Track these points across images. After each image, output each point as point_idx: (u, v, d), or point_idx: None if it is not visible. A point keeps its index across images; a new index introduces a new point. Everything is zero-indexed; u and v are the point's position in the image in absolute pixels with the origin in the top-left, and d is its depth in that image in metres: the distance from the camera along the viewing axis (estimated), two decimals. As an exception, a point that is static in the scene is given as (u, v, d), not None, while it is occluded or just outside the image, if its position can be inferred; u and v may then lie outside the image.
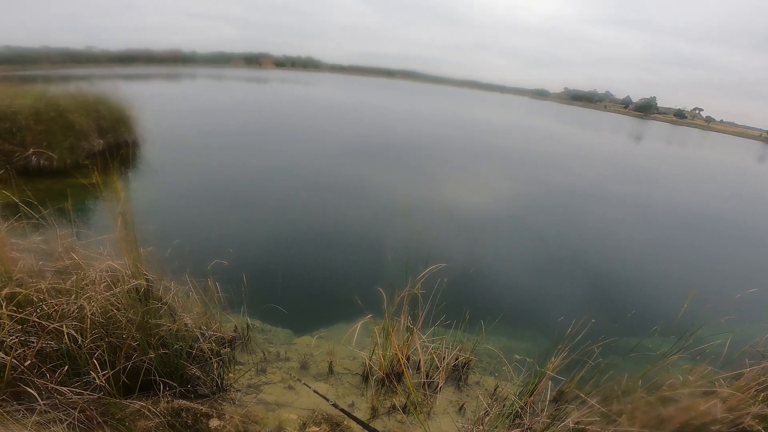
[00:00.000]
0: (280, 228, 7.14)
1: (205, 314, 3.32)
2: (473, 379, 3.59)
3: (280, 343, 3.90)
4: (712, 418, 1.59)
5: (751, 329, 2.78)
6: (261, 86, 46.11)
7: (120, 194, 3.21)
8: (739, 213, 13.09)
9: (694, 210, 12.33)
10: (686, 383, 2.15)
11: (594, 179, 15.12)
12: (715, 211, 12.71)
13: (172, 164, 10.39)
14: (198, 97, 28.30)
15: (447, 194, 10.57)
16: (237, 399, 2.91)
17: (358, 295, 3.51)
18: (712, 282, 6.97)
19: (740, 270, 7.79)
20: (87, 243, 3.35)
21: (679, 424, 1.66)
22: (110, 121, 10.26)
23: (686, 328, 2.68)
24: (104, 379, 2.26)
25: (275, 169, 10.95)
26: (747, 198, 16.74)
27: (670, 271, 7.32)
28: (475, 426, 2.61)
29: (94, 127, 9.67)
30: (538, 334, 4.71)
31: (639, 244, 8.56)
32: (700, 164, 26.63)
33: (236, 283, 3.60)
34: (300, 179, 10.23)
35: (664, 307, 5.55)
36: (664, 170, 20.79)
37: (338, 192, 9.65)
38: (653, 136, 46.46)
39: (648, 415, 1.87)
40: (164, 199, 7.92)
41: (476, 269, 6.22)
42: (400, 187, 10.69)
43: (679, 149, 36.53)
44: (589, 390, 2.62)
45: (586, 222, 9.70)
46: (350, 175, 11.21)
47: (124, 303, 2.71)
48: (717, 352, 2.50)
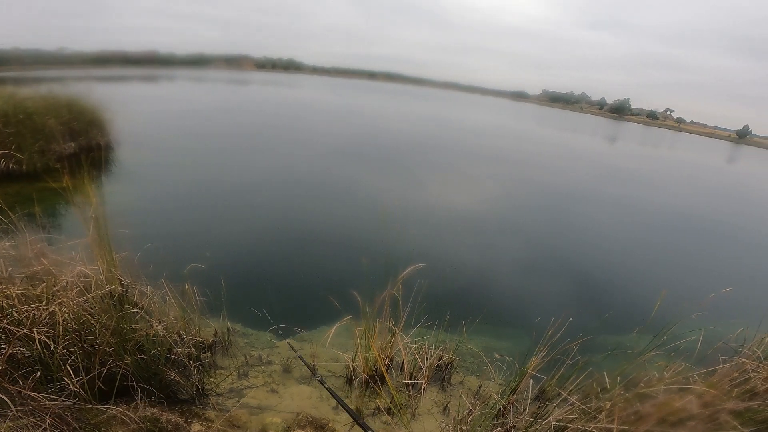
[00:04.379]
0: (258, 231, 7.04)
1: (184, 319, 3.26)
2: (456, 378, 3.61)
3: (262, 346, 3.84)
4: (688, 414, 1.64)
5: (722, 326, 2.89)
6: (240, 88, 45.40)
7: (92, 198, 3.15)
8: (712, 212, 13.56)
9: (669, 210, 12.72)
10: (662, 380, 2.21)
11: (573, 180, 15.45)
12: (689, 210, 13.14)
13: (147, 167, 10.12)
14: (176, 99, 27.70)
15: (427, 195, 10.63)
16: (219, 404, 2.87)
17: (339, 297, 3.49)
18: (686, 279, 7.19)
19: (713, 267, 8.08)
20: (58, 248, 3.25)
21: (656, 420, 1.70)
22: (83, 123, 9.95)
23: (661, 325, 2.75)
24: (79, 385, 2.24)
25: (252, 171, 10.80)
26: (719, 198, 17.36)
27: (647, 270, 7.53)
28: (459, 426, 2.63)
29: (66, 130, 9.37)
30: (518, 333, 4.76)
31: (617, 243, 8.79)
32: (674, 165, 27.49)
33: (215, 287, 3.54)
34: (278, 182, 10.13)
35: (640, 304, 5.70)
36: (639, 171, 21.39)
37: (317, 194, 9.60)
38: (628, 138, 47.76)
39: (626, 412, 1.91)
40: (138, 202, 7.70)
41: (457, 269, 6.27)
42: (381, 188, 10.69)
43: (653, 150, 37.63)
44: (570, 388, 2.67)
45: (565, 221, 9.89)
46: (329, 176, 11.15)
47: (98, 308, 2.66)
48: (691, 349, 2.57)
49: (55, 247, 3.28)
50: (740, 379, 2.07)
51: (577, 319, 3.26)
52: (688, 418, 1.63)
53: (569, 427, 2.09)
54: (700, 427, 1.58)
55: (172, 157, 11.24)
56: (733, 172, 30.24)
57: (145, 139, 12.77)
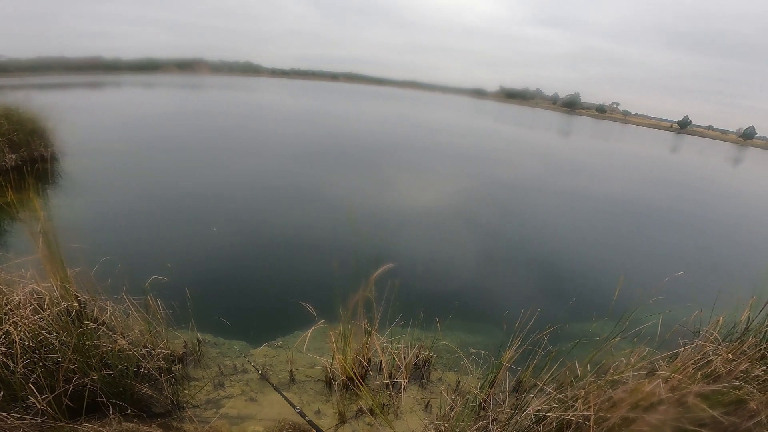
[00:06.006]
0: (222, 239, 6.78)
1: (150, 332, 3.12)
2: (435, 375, 3.66)
3: (236, 355, 3.74)
4: (658, 398, 1.73)
5: (679, 310, 3.07)
6: (193, 93, 43.56)
7: (39, 212, 2.98)
8: (660, 200, 14.41)
9: (620, 199, 13.42)
10: (630, 365, 2.33)
11: (532, 174, 15.99)
12: (639, 199, 13.91)
13: (96, 178, 9.52)
14: (123, 105, 26.18)
15: (394, 194, 10.69)
16: (196, 415, 2.78)
17: (312, 301, 3.44)
18: (641, 265, 7.61)
19: (665, 252, 8.59)
20: (6, 266, 3.01)
21: (629, 405, 1.79)
22: (23, 133, 9.26)
23: (622, 311, 2.89)
24: (45, 403, 2.24)
25: (211, 178, 10.38)
26: (666, 185, 18.50)
27: (605, 257, 7.94)
28: (442, 422, 2.66)
29: (5, 141, 8.71)
30: (490, 327, 4.89)
31: (575, 232, 9.19)
32: (624, 157, 29.04)
33: (180, 299, 3.44)
34: (238, 188, 9.81)
35: (600, 290, 6.01)
36: (592, 163, 22.46)
37: (281, 198, 9.42)
38: (580, 131, 49.97)
39: (600, 399, 1.99)
40: (89, 215, 7.24)
41: (426, 267, 6.36)
42: (347, 189, 10.64)
43: (605, 143, 39.57)
44: (545, 377, 2.77)
45: (526, 214, 10.25)
46: (292, 179, 10.92)
47: (55, 326, 2.56)
48: (652, 333, 2.73)
49: (3, 265, 3.04)
50: (702, 362, 2.22)
51: (545, 309, 3.37)
52: (659, 402, 1.72)
53: (548, 416, 2.17)
54: (671, 410, 1.68)
55: (122, 167, 10.61)
56: (678, 161, 32.35)
57: (92, 149, 11.99)
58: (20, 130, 9.23)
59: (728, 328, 2.79)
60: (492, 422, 2.43)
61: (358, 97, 63.40)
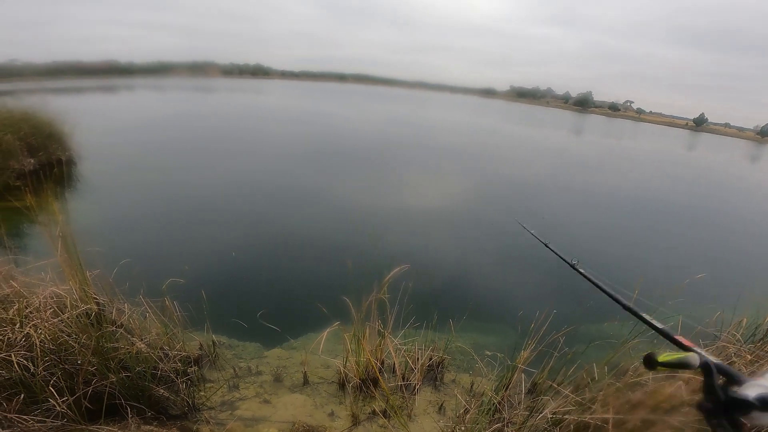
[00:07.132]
0: (237, 241, 6.86)
1: (166, 334, 3.16)
2: (449, 377, 3.63)
3: (250, 357, 3.77)
4: (679, 400, 1.69)
5: (699, 311, 3.00)
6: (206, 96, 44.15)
7: (58, 216, 3.03)
8: (679, 199, 14.14)
9: (638, 198, 13.19)
10: (649, 368, 2.27)
11: (546, 171, 15.84)
12: (657, 198, 13.67)
13: (113, 181, 9.71)
14: (137, 109, 26.71)
15: (408, 194, 10.67)
16: (212, 417, 2.81)
17: (325, 302, 3.45)
18: (661, 266, 7.44)
19: (685, 253, 8.41)
20: (26, 269, 3.08)
21: (649, 408, 1.75)
22: (40, 137, 9.45)
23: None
24: (65, 406, 2.26)
25: (226, 180, 10.53)
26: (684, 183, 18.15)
27: (623, 257, 7.78)
28: (457, 424, 2.64)
29: (24, 145, 8.90)
30: (505, 328, 4.84)
31: (592, 232, 9.05)
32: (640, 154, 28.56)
33: (196, 301, 3.45)
34: (253, 190, 9.90)
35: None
36: (609, 161, 22.14)
37: (295, 200, 9.46)
38: (594, 130, 49.32)
39: (619, 401, 1.95)
40: (107, 218, 7.38)
41: (440, 268, 6.32)
42: (361, 190, 10.66)
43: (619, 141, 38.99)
44: (561, 380, 2.73)
45: (540, 213, 10.12)
46: (307, 181, 11.01)
47: (75, 328, 2.58)
48: (672, 335, 2.66)
49: (23, 268, 3.11)
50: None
51: (560, 309, 3.32)
52: (680, 404, 1.68)
53: (566, 419, 2.13)
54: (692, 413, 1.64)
55: (138, 170, 10.81)
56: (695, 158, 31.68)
57: (108, 152, 12.26)
58: (38, 134, 9.41)
59: (751, 330, 2.71)
60: (507, 424, 2.40)
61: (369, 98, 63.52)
